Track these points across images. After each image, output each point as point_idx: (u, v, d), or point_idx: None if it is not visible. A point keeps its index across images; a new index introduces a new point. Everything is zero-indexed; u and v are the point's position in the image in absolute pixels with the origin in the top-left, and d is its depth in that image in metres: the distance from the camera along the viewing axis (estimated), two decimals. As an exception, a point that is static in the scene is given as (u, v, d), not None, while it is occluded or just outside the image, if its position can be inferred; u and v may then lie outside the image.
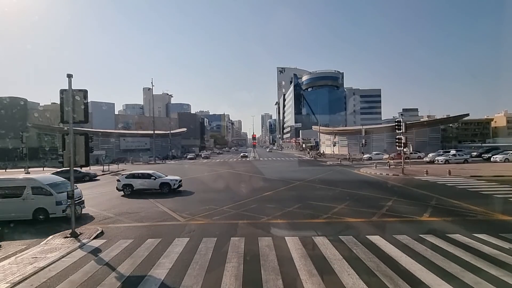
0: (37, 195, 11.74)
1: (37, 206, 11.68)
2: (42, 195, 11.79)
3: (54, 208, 11.74)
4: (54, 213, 11.74)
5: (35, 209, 11.66)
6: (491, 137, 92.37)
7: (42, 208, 11.68)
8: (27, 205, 11.63)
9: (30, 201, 11.64)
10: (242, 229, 10.20)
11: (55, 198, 11.74)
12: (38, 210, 11.68)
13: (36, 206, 11.67)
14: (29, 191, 11.69)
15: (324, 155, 57.51)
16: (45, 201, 11.74)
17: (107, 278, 6.55)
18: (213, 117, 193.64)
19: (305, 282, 6.10)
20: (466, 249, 7.79)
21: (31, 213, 11.62)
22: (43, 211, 11.71)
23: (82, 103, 9.81)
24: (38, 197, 11.74)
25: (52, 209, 11.72)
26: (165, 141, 72.95)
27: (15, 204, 11.61)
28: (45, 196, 11.78)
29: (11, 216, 11.46)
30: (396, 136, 26.23)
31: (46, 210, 11.70)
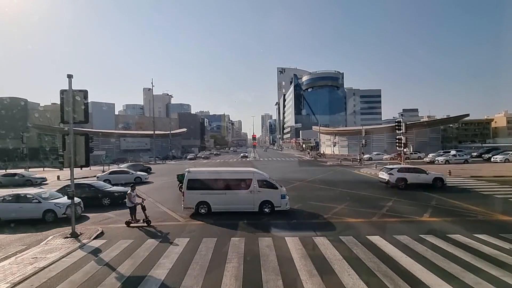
0: (264, 189, 12.23)
1: (263, 199, 12.16)
2: (267, 189, 12.27)
3: (278, 201, 12.17)
4: (279, 206, 12.17)
5: (262, 201, 12.15)
6: (491, 137, 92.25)
7: (268, 200, 12.18)
8: (255, 198, 12.15)
9: (256, 195, 12.17)
10: (242, 229, 10.20)
11: (280, 192, 12.26)
12: (264, 202, 12.15)
13: (262, 199, 12.16)
14: (256, 184, 12.20)
15: (324, 155, 57.48)
16: (272, 194, 12.24)
17: (107, 278, 6.55)
18: (213, 117, 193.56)
19: (305, 282, 6.10)
20: (467, 249, 7.79)
21: (257, 206, 12.12)
22: (268, 204, 12.19)
23: (82, 103, 9.82)
24: (265, 191, 12.23)
25: (276, 202, 12.17)
26: (165, 142, 72.98)
27: (242, 196, 12.19)
28: (271, 190, 12.28)
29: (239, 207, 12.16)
30: (396, 137, 26.25)
31: (272, 203, 12.18)
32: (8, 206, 12.11)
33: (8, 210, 12.03)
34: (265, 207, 12.07)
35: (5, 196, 12.50)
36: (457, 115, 61.88)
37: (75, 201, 11.94)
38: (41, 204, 12.15)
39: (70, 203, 10.02)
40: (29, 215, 12.03)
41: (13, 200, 12.33)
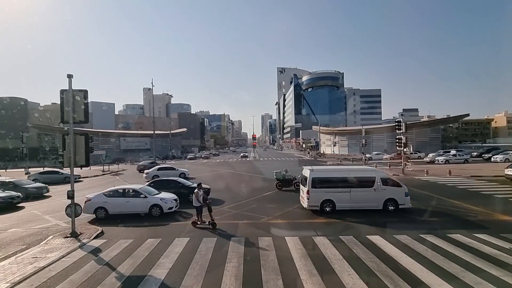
0: (388, 187, 12.25)
1: (387, 196, 12.19)
2: (391, 187, 12.30)
3: (402, 199, 12.17)
4: (403, 204, 12.14)
5: (386, 199, 12.17)
6: (491, 137, 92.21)
7: (392, 198, 12.18)
8: (379, 196, 12.18)
9: (380, 193, 12.16)
10: (242, 229, 10.20)
11: (403, 190, 12.24)
12: (388, 200, 12.15)
13: (387, 197, 12.19)
14: (379, 182, 12.23)
15: (324, 155, 57.47)
16: (396, 192, 12.24)
17: (107, 278, 6.55)
18: (213, 117, 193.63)
19: (305, 282, 6.10)
20: (467, 249, 7.79)
21: (381, 204, 12.15)
22: (392, 201, 12.18)
23: (82, 103, 9.82)
24: (389, 189, 12.22)
25: (400, 199, 12.17)
26: (165, 141, 72.97)
27: (367, 194, 12.20)
28: (395, 188, 12.33)
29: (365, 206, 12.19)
30: (396, 136, 26.21)
31: (396, 200, 12.18)
32: (116, 200, 12.36)
33: (116, 204, 12.27)
34: (390, 205, 12.08)
35: (114, 190, 12.84)
36: (457, 115, 61.89)
37: (174, 198, 12.75)
38: (147, 199, 12.40)
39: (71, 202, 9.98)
40: (136, 210, 12.33)
41: (121, 195, 12.59)
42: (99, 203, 12.14)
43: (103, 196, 12.35)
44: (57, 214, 12.98)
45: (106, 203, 12.12)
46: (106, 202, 12.17)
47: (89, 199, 12.24)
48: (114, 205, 12.19)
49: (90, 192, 14.15)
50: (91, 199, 12.23)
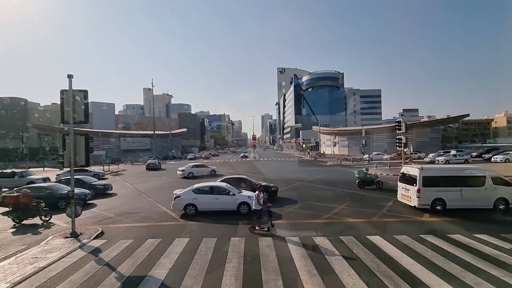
0: (498, 186, 12.20)
1: (498, 196, 12.11)
2: (502, 186, 12.28)
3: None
4: None
5: (497, 198, 12.12)
6: (492, 137, 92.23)
7: (503, 197, 12.12)
8: (490, 195, 12.15)
9: (491, 192, 12.10)
10: (242, 229, 10.20)
11: None
12: (499, 199, 12.13)
13: (497, 196, 12.12)
14: (490, 181, 12.17)
15: (324, 155, 57.47)
16: (506, 191, 12.19)
17: (107, 278, 6.55)
18: (213, 117, 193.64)
19: (305, 282, 6.10)
20: (467, 249, 7.79)
21: (492, 203, 12.12)
22: (503, 201, 12.16)
23: (82, 103, 9.82)
24: (500, 188, 12.17)
25: None
26: (165, 142, 72.97)
27: (477, 193, 12.13)
28: (506, 187, 12.28)
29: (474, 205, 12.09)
30: (397, 137, 26.21)
31: (507, 200, 12.15)
32: (206, 197, 12.49)
33: (206, 201, 12.40)
34: (500, 204, 12.02)
35: (202, 186, 12.98)
36: (457, 115, 61.91)
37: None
38: (235, 196, 12.51)
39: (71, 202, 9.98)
40: (225, 207, 12.31)
41: (210, 192, 12.69)
42: (188, 199, 12.25)
43: (192, 193, 12.48)
44: (57, 214, 12.98)
45: (195, 200, 12.25)
46: (195, 199, 12.30)
47: (178, 195, 12.39)
48: (203, 202, 12.32)
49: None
50: (180, 195, 12.38)
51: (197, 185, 13.06)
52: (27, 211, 11.69)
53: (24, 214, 11.69)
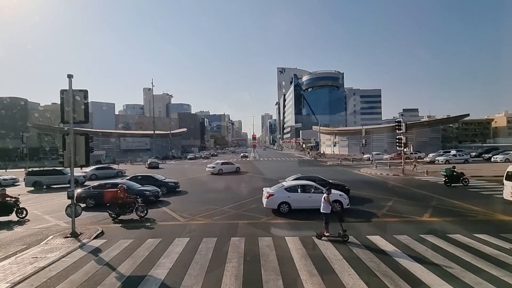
0: None
1: None
2: None
3: None
4: None
5: None
6: (492, 137, 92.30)
7: None
8: None
9: None
10: (242, 229, 10.20)
11: None
12: None
13: None
14: None
15: (324, 155, 57.47)
16: None
17: (107, 278, 6.55)
18: (213, 117, 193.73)
19: (305, 282, 6.10)
20: (467, 249, 7.79)
21: None
22: None
23: (82, 103, 9.81)
24: None
25: None
26: (165, 141, 72.97)
27: None
28: None
29: None
30: (397, 136, 26.22)
31: None
32: (299, 196, 12.53)
33: (299, 199, 12.44)
34: None
35: (295, 185, 13.04)
36: (457, 115, 61.92)
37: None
38: None
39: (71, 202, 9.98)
40: (319, 205, 11.92)
41: (303, 190, 12.73)
42: (283, 197, 12.35)
43: (285, 192, 12.59)
44: (57, 214, 12.99)
45: (289, 198, 12.30)
46: (289, 197, 12.39)
47: (271, 194, 12.53)
48: (297, 200, 12.32)
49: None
50: (273, 194, 12.53)
51: (290, 183, 13.33)
52: (124, 206, 11.76)
53: (121, 210, 11.71)
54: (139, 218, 11.69)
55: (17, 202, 12.41)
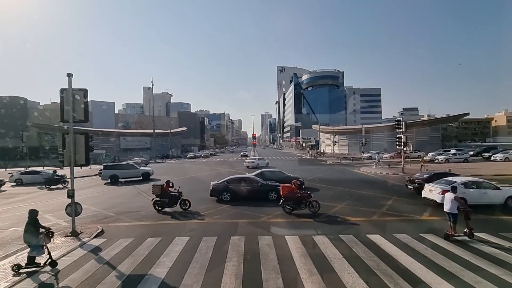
0: None
1: None
2: None
3: None
4: None
5: None
6: (491, 136, 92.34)
7: None
8: None
9: None
10: (242, 228, 10.21)
11: None
12: None
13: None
14: None
15: (324, 154, 57.48)
16: None
17: (107, 277, 6.56)
18: (213, 116, 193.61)
19: (305, 281, 6.11)
20: (466, 248, 7.81)
21: None
22: None
23: (82, 102, 9.81)
24: None
25: None
26: (165, 140, 72.96)
27: None
28: None
29: None
30: (396, 135, 26.22)
31: None
32: (474, 192, 12.46)
33: (474, 195, 12.33)
34: None
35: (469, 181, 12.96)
36: (457, 114, 61.94)
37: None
38: (502, 190, 12.69)
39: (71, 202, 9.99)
40: (493, 201, 12.44)
41: (475, 187, 12.67)
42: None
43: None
44: (57, 213, 13.00)
45: (465, 194, 12.13)
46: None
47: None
48: (472, 197, 12.16)
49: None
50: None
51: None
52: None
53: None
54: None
55: (180, 194, 13.21)
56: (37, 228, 7.16)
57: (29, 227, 7.09)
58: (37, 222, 7.28)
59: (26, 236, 7.04)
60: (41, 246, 6.97)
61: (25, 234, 7.08)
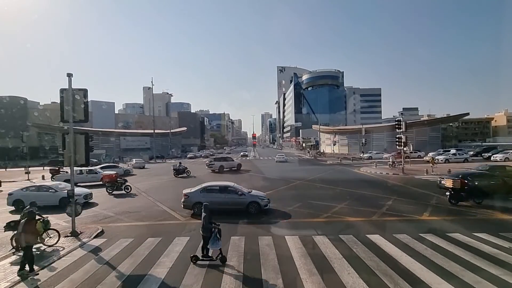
0: None
1: None
2: None
3: None
4: None
5: None
6: (491, 136, 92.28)
7: None
8: None
9: None
10: (242, 228, 10.22)
11: None
12: None
13: None
14: None
15: (324, 154, 57.48)
16: None
17: (107, 277, 6.56)
18: (213, 116, 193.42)
19: (305, 281, 6.11)
20: (466, 248, 7.80)
21: None
22: None
23: (82, 102, 9.81)
24: None
25: None
26: (165, 140, 73.00)
27: None
28: None
29: None
30: (397, 135, 26.21)
31: None
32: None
33: None
34: None
35: None
36: (457, 114, 61.90)
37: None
38: None
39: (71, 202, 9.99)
40: None
41: None
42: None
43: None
44: (57, 213, 13.00)
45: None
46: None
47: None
48: None
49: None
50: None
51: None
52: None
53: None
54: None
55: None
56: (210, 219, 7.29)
57: (205, 220, 7.16)
58: (211, 217, 7.34)
59: (204, 230, 7.18)
60: (217, 239, 7.01)
61: (203, 228, 7.22)
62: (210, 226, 7.13)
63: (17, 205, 14.40)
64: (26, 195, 14.55)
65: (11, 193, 15.08)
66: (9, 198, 14.88)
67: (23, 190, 15.27)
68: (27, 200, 13.66)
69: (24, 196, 14.63)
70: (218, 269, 6.77)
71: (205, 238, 7.14)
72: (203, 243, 7.22)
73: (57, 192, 14.84)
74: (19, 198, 14.69)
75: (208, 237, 7.07)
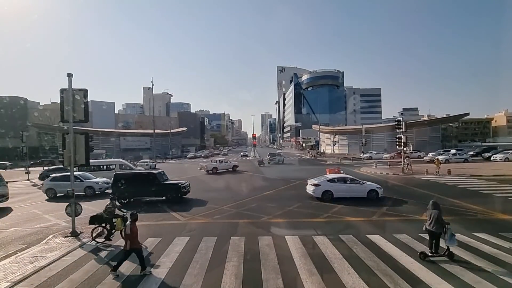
0: None
1: None
2: None
3: None
4: None
5: None
6: (491, 136, 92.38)
7: None
8: None
9: None
10: (242, 228, 10.21)
11: None
12: None
13: None
14: None
15: (324, 154, 57.48)
16: None
17: (107, 277, 6.56)
18: (213, 116, 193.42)
19: (305, 281, 6.11)
20: (466, 248, 7.80)
21: None
22: None
23: (82, 102, 9.81)
24: None
25: None
26: (165, 141, 73.02)
27: None
28: None
29: None
30: (397, 136, 26.20)
31: None
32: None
33: None
34: None
35: None
36: (457, 114, 61.93)
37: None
38: None
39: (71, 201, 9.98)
40: None
41: None
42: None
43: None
44: (57, 213, 13.00)
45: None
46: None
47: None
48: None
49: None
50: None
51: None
52: None
53: None
54: None
55: None
56: None
57: (439, 216, 7.18)
58: None
59: (437, 226, 7.15)
60: (453, 235, 6.98)
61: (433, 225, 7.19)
62: (443, 222, 7.08)
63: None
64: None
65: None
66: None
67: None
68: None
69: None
70: (218, 269, 6.77)
71: (436, 235, 7.12)
72: (434, 240, 7.18)
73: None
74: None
75: (439, 234, 7.06)
